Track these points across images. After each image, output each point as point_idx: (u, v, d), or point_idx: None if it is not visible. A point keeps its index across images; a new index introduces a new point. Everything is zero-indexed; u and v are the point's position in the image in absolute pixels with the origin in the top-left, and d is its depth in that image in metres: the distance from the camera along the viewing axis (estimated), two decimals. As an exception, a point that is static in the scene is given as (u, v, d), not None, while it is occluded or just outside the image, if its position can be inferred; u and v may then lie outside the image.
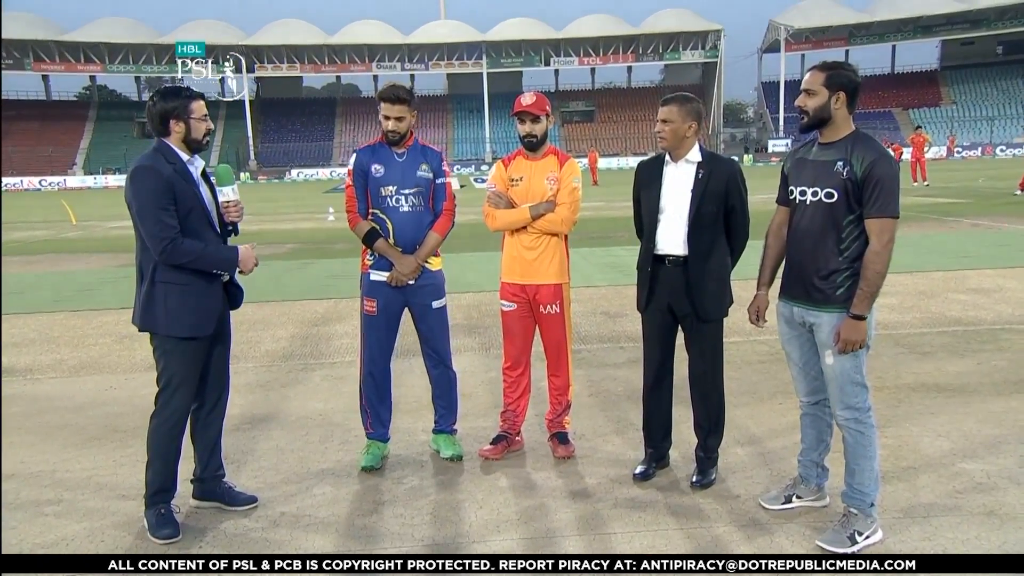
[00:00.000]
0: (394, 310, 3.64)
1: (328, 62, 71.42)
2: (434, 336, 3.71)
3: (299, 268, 10.61)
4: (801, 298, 2.86)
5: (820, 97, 2.73)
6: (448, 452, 3.71)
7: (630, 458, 3.69)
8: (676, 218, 3.23)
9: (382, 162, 3.56)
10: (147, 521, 3.08)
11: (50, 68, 67.93)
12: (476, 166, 60.11)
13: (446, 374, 3.79)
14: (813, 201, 2.78)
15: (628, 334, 6.11)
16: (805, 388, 3.05)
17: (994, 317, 6.27)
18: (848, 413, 2.81)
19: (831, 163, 2.73)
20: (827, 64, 2.80)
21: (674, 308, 3.29)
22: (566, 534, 2.99)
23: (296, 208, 25.11)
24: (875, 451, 2.85)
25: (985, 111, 64.74)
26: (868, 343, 2.77)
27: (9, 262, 12.40)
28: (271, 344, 6.28)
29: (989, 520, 2.97)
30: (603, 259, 10.25)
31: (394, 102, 3.47)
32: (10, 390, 5.18)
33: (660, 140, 3.27)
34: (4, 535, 3.11)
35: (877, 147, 2.72)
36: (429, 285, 3.63)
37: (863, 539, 2.78)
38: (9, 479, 3.66)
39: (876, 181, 2.64)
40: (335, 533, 3.06)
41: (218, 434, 3.33)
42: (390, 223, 3.55)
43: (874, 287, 2.68)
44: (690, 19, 71.40)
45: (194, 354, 3.08)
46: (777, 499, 3.11)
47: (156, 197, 2.92)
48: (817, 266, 2.78)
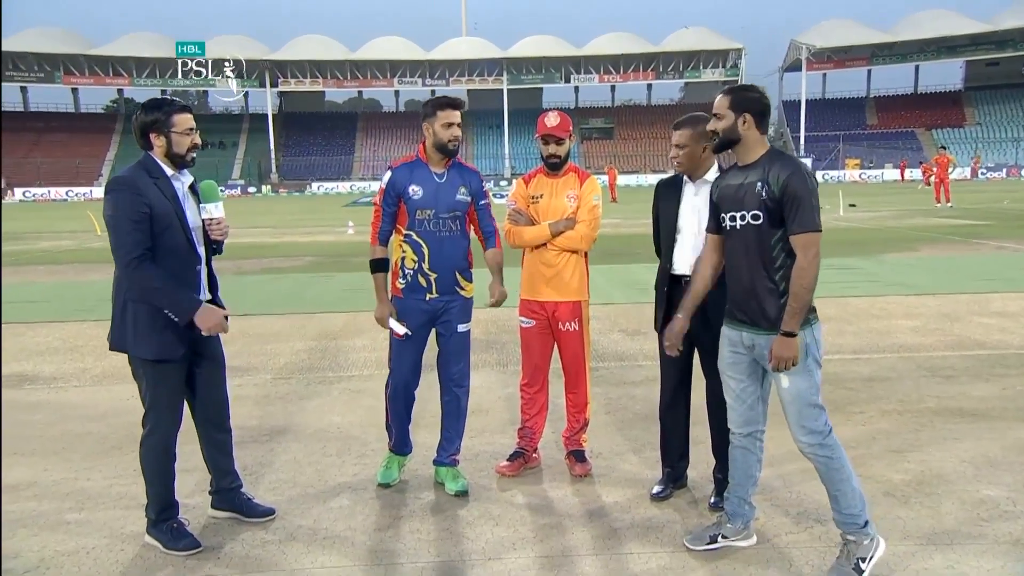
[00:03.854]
0: (422, 333, 3.56)
1: (350, 77, 72.31)
2: (454, 359, 3.60)
3: (318, 281, 10.60)
4: (746, 323, 2.82)
5: (727, 120, 2.76)
6: (453, 487, 3.54)
7: (647, 478, 3.66)
8: (693, 239, 3.21)
9: (420, 183, 3.41)
10: (158, 539, 3.06)
11: (79, 81, 69.52)
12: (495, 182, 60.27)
13: (457, 399, 3.64)
14: (743, 225, 2.78)
15: (646, 352, 6.08)
16: (740, 418, 2.95)
17: (1020, 341, 6.18)
18: (810, 438, 2.75)
19: (752, 184, 2.74)
20: (732, 88, 2.85)
21: (690, 330, 3.23)
22: (582, 553, 2.97)
23: (316, 221, 25.34)
24: (849, 470, 2.78)
25: (1010, 132, 64.03)
26: (818, 360, 2.74)
27: (35, 271, 12.63)
28: (289, 356, 6.33)
29: (1015, 549, 2.92)
30: (622, 276, 10.23)
31: (457, 107, 3.40)
32: (35, 397, 5.27)
33: (676, 165, 3.26)
34: (27, 542, 3.15)
35: (791, 163, 2.73)
36: (458, 308, 3.55)
37: (868, 564, 2.72)
38: (32, 486, 3.71)
39: (792, 197, 2.64)
40: (352, 547, 3.07)
41: (226, 451, 3.31)
42: (426, 247, 3.41)
43: (802, 302, 2.65)
44: (710, 37, 71.54)
45: (167, 377, 2.99)
46: (701, 539, 2.99)
47: (128, 211, 2.83)
48: (756, 290, 2.76)
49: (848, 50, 68.42)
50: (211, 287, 3.18)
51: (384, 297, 3.50)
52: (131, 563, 2.97)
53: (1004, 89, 67.05)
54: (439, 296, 3.47)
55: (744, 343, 2.85)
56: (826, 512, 3.25)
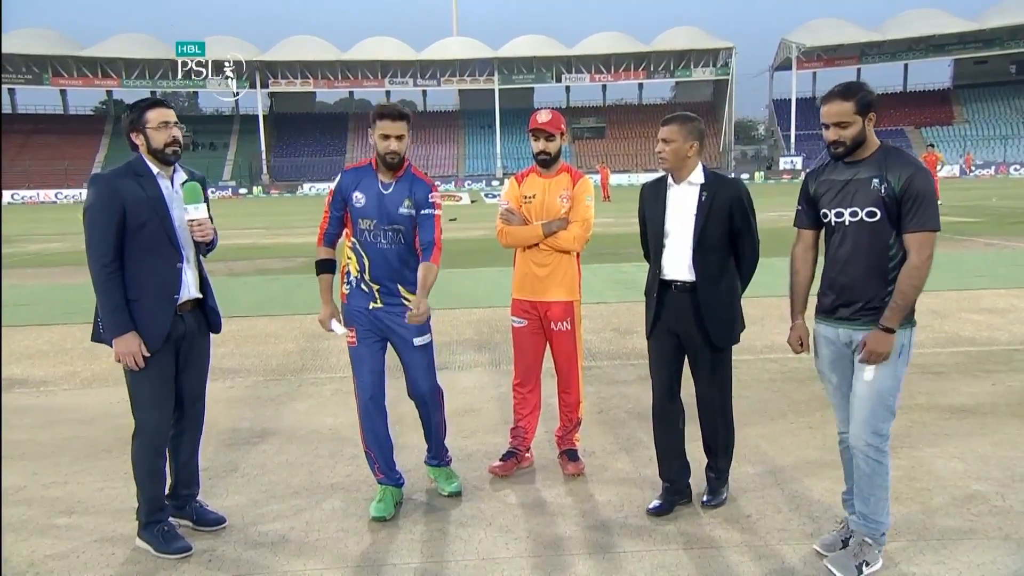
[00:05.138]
0: (373, 342, 3.36)
1: (341, 78, 72.18)
2: (421, 377, 3.41)
3: (310, 282, 10.69)
4: (845, 319, 2.76)
5: (855, 126, 2.66)
6: (447, 488, 3.54)
7: (640, 476, 3.67)
8: (681, 242, 3.15)
9: (364, 191, 3.28)
10: (149, 543, 3.04)
11: (68, 83, 69.14)
12: (487, 181, 60.63)
13: (429, 415, 3.51)
14: (853, 222, 2.70)
15: (638, 351, 6.10)
16: (848, 417, 2.86)
17: (1009, 338, 6.22)
18: (873, 439, 2.71)
19: (867, 181, 2.66)
20: (847, 92, 2.69)
21: (680, 335, 3.21)
22: (575, 552, 2.98)
23: (307, 222, 25.25)
24: (889, 480, 2.78)
25: (999, 130, 64.52)
26: (907, 363, 2.70)
27: (23, 274, 12.53)
28: (281, 358, 6.31)
29: (1005, 544, 2.94)
30: (613, 276, 10.25)
31: (396, 118, 3.20)
32: (25, 401, 5.23)
33: (661, 161, 3.17)
34: (16, 547, 3.12)
35: (912, 160, 2.68)
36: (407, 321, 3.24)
37: (868, 570, 2.73)
38: (21, 490, 3.69)
39: (916, 195, 2.59)
40: (344, 548, 3.06)
41: (191, 457, 3.26)
42: (366, 258, 3.29)
43: (908, 300, 2.63)
44: (701, 37, 71.79)
45: (148, 372, 2.96)
46: (835, 544, 2.91)
47: (103, 208, 2.87)
48: (867, 289, 2.70)
49: (837, 49, 68.82)
50: (203, 289, 3.15)
51: (327, 299, 3.38)
52: (122, 567, 2.96)
53: (992, 87, 67.55)
54: (383, 307, 3.31)
55: (842, 340, 2.79)
56: (817, 508, 3.28)
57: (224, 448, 4.19)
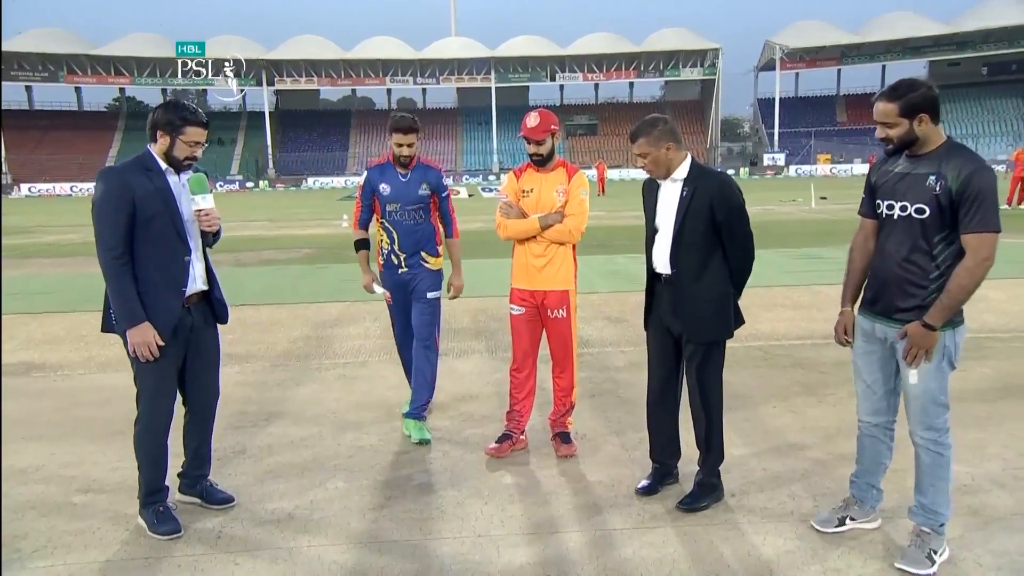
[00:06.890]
0: (402, 299, 4.25)
1: (344, 76, 72.78)
2: (423, 322, 4.17)
3: (314, 272, 10.69)
4: (885, 315, 2.72)
5: (901, 127, 2.59)
6: (417, 437, 4.05)
7: (629, 458, 3.80)
8: (666, 236, 3.18)
9: (388, 182, 4.14)
10: (145, 521, 3.14)
11: (82, 80, 70.14)
12: (484, 176, 61.60)
13: (425, 352, 4.17)
14: (902, 216, 2.63)
15: (629, 338, 6.24)
16: (869, 408, 2.88)
17: (978, 326, 6.24)
18: (929, 434, 2.68)
19: (923, 177, 2.58)
20: (896, 92, 2.60)
21: (670, 328, 3.25)
22: (567, 529, 3.09)
23: (312, 215, 25.43)
24: (951, 472, 2.73)
25: (971, 129, 65.06)
26: (954, 363, 2.66)
27: (41, 263, 12.76)
28: (286, 344, 6.46)
29: (974, 520, 3.07)
30: (605, 267, 10.38)
31: (407, 132, 4.03)
32: (42, 385, 5.41)
33: (648, 172, 3.22)
34: (36, 523, 3.27)
35: (974, 158, 2.55)
36: (425, 277, 4.19)
37: (940, 557, 2.70)
38: (40, 469, 3.85)
39: (975, 194, 2.47)
40: (346, 526, 3.18)
41: (203, 441, 3.37)
42: (396, 232, 4.17)
43: (954, 301, 2.54)
44: (689, 38, 72.86)
45: (153, 363, 3.02)
46: (830, 522, 2.97)
47: (112, 200, 2.93)
48: (905, 285, 2.64)
49: (819, 50, 69.98)
50: (210, 281, 3.25)
51: (366, 267, 4.36)
52: (135, 542, 3.08)
53: (965, 88, 67.82)
54: (408, 270, 4.18)
55: (877, 335, 2.77)
56: (798, 488, 3.40)
57: (232, 430, 4.33)
